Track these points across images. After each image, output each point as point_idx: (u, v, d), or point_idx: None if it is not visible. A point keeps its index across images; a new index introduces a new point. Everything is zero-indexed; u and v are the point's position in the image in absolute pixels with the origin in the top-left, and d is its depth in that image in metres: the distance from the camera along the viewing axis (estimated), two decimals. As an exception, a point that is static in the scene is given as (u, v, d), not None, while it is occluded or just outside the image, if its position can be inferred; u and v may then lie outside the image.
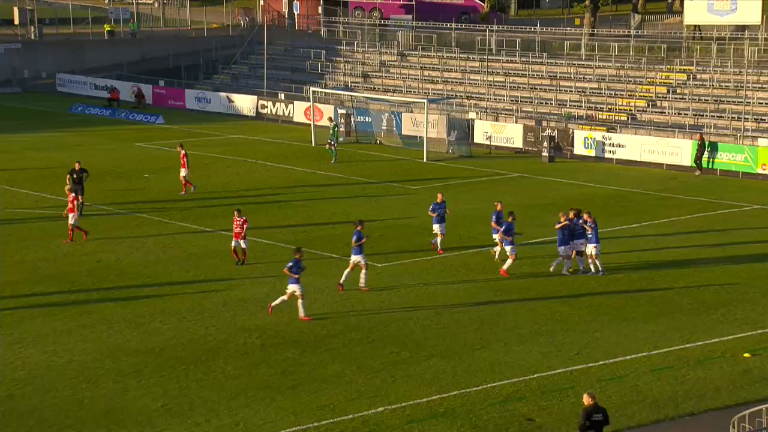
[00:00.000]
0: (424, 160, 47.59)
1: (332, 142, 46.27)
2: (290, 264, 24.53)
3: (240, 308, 25.54)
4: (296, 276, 24.41)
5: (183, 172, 39.13)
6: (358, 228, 26.93)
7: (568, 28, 62.92)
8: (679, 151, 45.71)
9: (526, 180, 43.33)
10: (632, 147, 47.04)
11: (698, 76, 51.88)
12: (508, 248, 28.13)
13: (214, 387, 20.56)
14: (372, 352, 22.42)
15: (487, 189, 41.24)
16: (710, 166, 44.79)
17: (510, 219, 28.38)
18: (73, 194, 32.51)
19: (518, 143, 50.66)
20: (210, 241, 32.34)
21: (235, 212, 29.52)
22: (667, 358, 22.15)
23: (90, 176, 36.51)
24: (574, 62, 56.54)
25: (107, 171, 43.49)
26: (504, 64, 58.46)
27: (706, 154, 44.60)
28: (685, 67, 52.77)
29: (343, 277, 26.88)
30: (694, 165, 44.70)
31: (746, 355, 22.23)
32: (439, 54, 61.93)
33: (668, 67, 53.20)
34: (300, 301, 24.43)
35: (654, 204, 38.44)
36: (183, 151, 39.00)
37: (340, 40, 68.82)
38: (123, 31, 75.90)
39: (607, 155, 47.70)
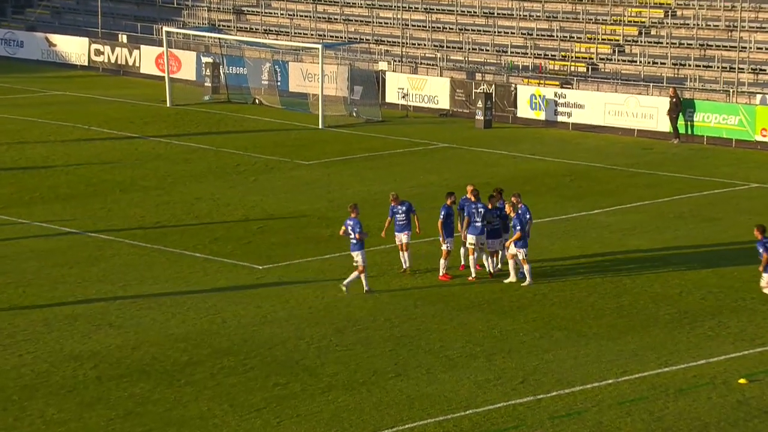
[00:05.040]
0: (319, 126, 47.57)
1: None
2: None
3: (67, 328, 25.23)
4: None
5: None
6: (448, 202, 28.44)
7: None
8: (654, 113, 46.50)
9: (454, 152, 43.63)
10: (593, 107, 47.72)
11: (678, 13, 52.80)
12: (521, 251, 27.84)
13: (32, 436, 20.28)
14: (250, 384, 22.38)
15: (403, 164, 41.39)
16: (691, 131, 45.64)
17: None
18: None
19: (444, 103, 50.99)
20: (24, 237, 31.91)
21: None
22: (639, 386, 22.54)
23: None
24: (516, -6, 56.99)
25: None
26: (424, -3, 58.67)
27: (682, 116, 45.32)
28: (662, 0, 53.65)
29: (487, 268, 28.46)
30: (671, 131, 45.59)
31: (741, 381, 22.70)
32: (338, -18, 61.79)
33: (640, 0, 54.04)
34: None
35: (621, 183, 39.07)
36: None
37: (204, -37, 68.12)
38: None
39: (560, 118, 48.32)
